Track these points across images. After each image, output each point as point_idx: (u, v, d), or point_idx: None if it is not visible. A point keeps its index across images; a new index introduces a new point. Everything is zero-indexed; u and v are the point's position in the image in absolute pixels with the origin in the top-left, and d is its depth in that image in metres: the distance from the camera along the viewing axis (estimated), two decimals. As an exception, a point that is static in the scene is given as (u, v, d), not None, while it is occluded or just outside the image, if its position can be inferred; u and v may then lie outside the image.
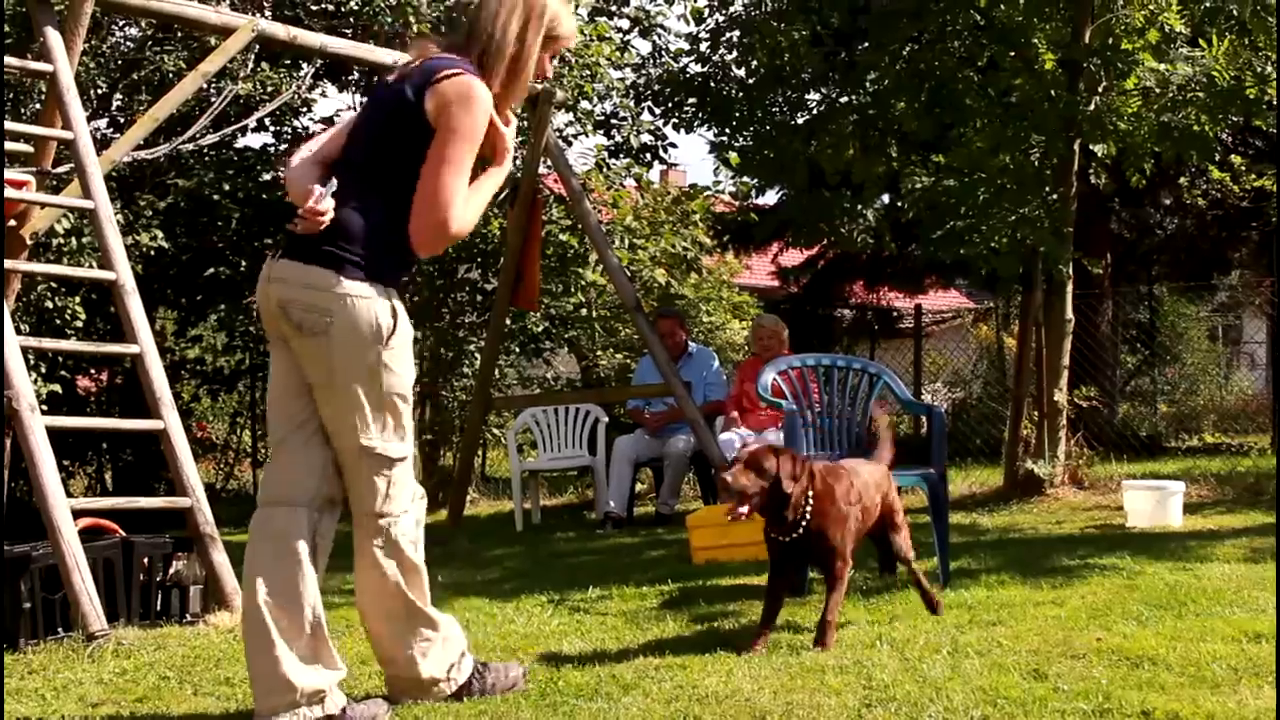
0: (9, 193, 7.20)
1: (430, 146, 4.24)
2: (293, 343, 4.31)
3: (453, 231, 4.28)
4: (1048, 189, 10.99)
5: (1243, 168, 14.65)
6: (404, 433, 4.41)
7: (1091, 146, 11.30)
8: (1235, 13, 10.51)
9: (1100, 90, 10.80)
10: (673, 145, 16.29)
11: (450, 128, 4.23)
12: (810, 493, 5.27)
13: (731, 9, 13.24)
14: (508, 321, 12.11)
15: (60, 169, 7.78)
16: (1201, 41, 10.93)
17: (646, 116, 14.55)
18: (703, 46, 13.09)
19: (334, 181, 4.24)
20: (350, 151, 4.43)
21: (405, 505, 4.42)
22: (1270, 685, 4.27)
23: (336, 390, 4.28)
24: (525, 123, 10.81)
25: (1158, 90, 10.73)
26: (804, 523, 5.25)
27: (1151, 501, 9.40)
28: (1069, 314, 11.41)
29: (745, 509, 5.21)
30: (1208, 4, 10.60)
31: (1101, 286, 16.32)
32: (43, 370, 11.81)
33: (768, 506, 5.26)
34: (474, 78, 4.29)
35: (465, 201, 4.27)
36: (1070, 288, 11.38)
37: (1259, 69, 10.54)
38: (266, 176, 14.81)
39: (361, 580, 4.40)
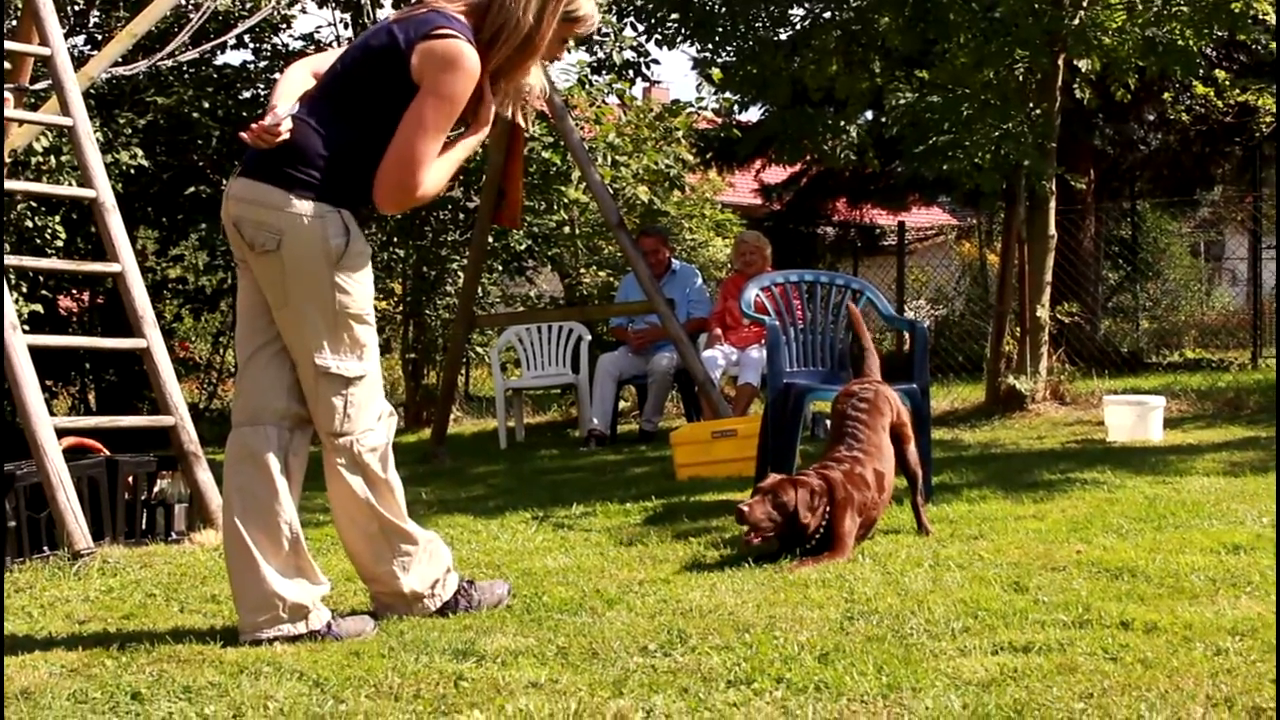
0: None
1: (410, 104, 4.22)
2: (249, 261, 4.33)
3: (417, 194, 4.29)
4: (1031, 104, 10.97)
5: (1227, 83, 14.60)
6: (362, 351, 4.36)
7: (1075, 61, 11.25)
8: (1222, -79, 10.46)
9: (1085, 4, 10.75)
10: (655, 62, 16.26)
11: (432, 90, 4.21)
12: (829, 510, 5.28)
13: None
14: (490, 239, 12.07)
15: (38, 85, 7.73)
16: (1188, -48, 10.88)
17: (629, 33, 14.45)
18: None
19: (296, 104, 4.24)
20: (330, 77, 4.40)
21: (368, 424, 4.38)
22: (1248, 595, 4.31)
23: (291, 310, 4.28)
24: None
25: (1142, 4, 10.69)
26: (822, 529, 5.27)
27: (1132, 416, 9.45)
28: (1052, 230, 11.41)
29: (758, 540, 5.24)
30: (1194, -84, 10.55)
31: (1084, 202, 16.30)
32: (24, 290, 11.78)
33: (783, 535, 5.27)
34: (465, 43, 4.23)
35: (434, 166, 4.27)
36: (1053, 204, 11.38)
37: (1244, -18, 10.50)
38: (246, 94, 14.72)
39: (333, 500, 4.42)
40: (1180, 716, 3.15)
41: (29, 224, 11.41)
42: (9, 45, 7.52)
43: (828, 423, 10.71)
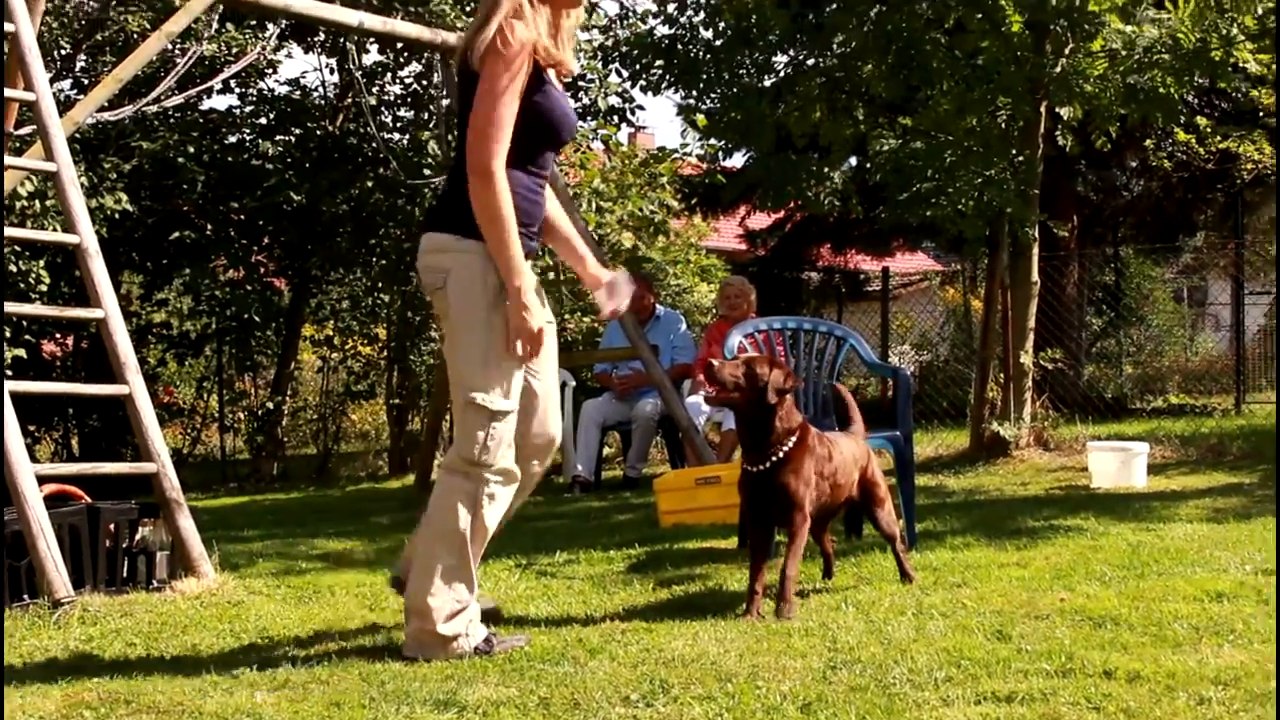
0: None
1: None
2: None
3: (491, 165, 4.34)
4: (1014, 151, 11.03)
5: (1208, 130, 14.70)
6: (508, 388, 4.49)
7: (1058, 109, 11.31)
8: (1201, -26, 10.54)
9: (1067, 52, 10.81)
10: (640, 108, 16.30)
11: (487, 63, 4.38)
12: (794, 436, 5.24)
13: (699, -29, 13.20)
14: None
15: (22, 130, 7.73)
16: (1167, 3, 10.95)
17: (614, 79, 14.55)
18: (670, 8, 13.05)
19: None
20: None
21: (504, 464, 4.54)
22: (1231, 644, 4.31)
23: (452, 342, 4.53)
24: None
25: (1124, 52, 10.76)
26: (776, 459, 5.20)
27: (1116, 463, 9.46)
28: (1035, 276, 11.45)
29: (714, 392, 5.25)
30: (1174, -35, 10.63)
31: (1067, 248, 16.37)
32: (7, 335, 11.75)
33: (748, 417, 5.23)
34: (492, 25, 4.37)
35: (496, 149, 4.35)
36: (1036, 250, 11.42)
37: (1224, 31, 10.56)
38: (232, 139, 14.75)
39: (431, 520, 4.59)
40: (1163, 768, 3.15)
41: (13, 268, 11.41)
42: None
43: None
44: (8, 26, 7.05)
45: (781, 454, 5.20)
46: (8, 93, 7.27)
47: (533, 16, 4.47)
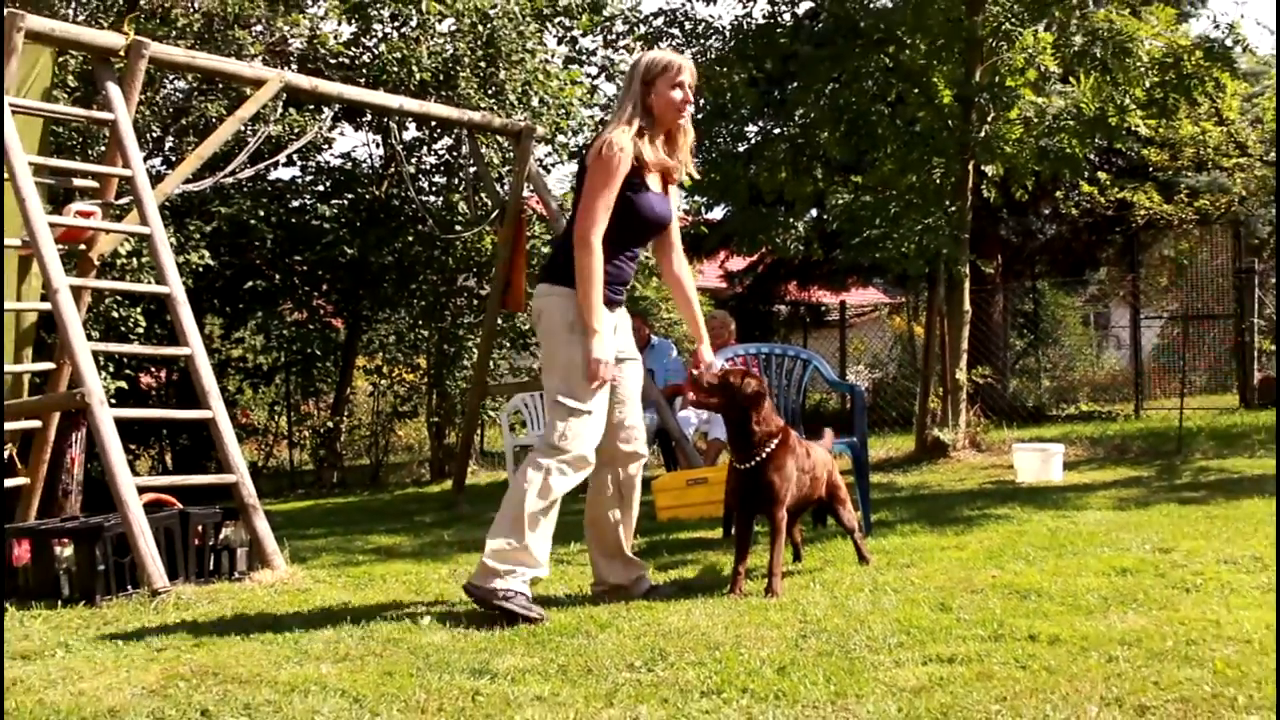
0: (79, 221, 7.17)
1: None
2: None
3: (586, 239, 4.75)
4: (947, 202, 11.06)
5: (1108, 183, 14.73)
6: (584, 394, 4.77)
7: (983, 167, 11.37)
8: (1099, 55, 10.61)
9: (989, 120, 10.86)
10: (635, 172, 16.26)
11: (589, 169, 4.84)
12: (776, 439, 5.22)
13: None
14: (499, 321, 12.09)
15: (122, 200, 7.74)
16: (1071, 79, 11.01)
17: (613, 148, 14.53)
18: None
19: None
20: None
21: (580, 452, 4.79)
22: (1134, 611, 4.31)
23: (544, 359, 4.95)
24: (511, 154, 10.81)
25: (1036, 119, 10.82)
26: (762, 457, 5.19)
27: (1037, 461, 9.47)
28: (967, 306, 11.47)
29: (696, 396, 5.33)
30: (1076, 48, 10.68)
31: (993, 282, 16.39)
32: (111, 370, 11.74)
33: (729, 420, 5.24)
34: (603, 136, 4.85)
35: (597, 225, 4.76)
36: (968, 284, 11.44)
37: (1119, 101, 10.62)
38: (295, 203, 14.75)
39: (513, 485, 4.85)
40: (1079, 715, 3.14)
41: (114, 314, 11.39)
42: (98, 169, 7.54)
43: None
44: (108, 115, 7.08)
45: (765, 454, 5.19)
46: (109, 170, 7.30)
47: (636, 130, 4.87)
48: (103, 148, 9.72)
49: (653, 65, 4.90)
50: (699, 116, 12.41)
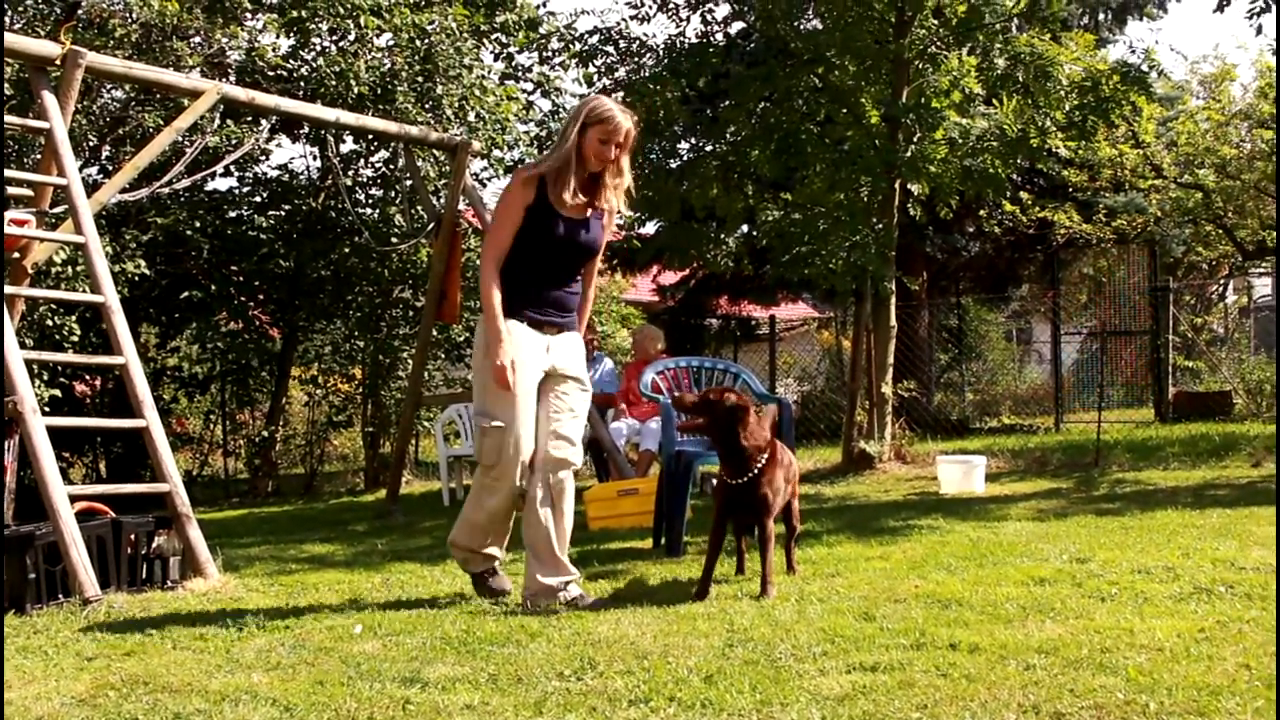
0: (13, 229, 7.06)
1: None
2: None
3: (482, 271, 5.17)
4: (874, 220, 11.14)
5: (1030, 202, 14.93)
6: (495, 409, 5.12)
7: (909, 186, 11.46)
8: (1021, 78, 10.75)
9: (915, 140, 10.95)
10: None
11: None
12: (765, 454, 5.22)
13: (616, 74, 13.27)
14: (434, 333, 12.04)
15: (57, 209, 7.63)
16: (995, 101, 11.14)
17: (548, 162, 14.52)
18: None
19: None
20: None
21: (499, 461, 5.16)
22: (1051, 620, 4.35)
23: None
24: (447, 167, 10.80)
25: (961, 140, 10.92)
26: (754, 473, 5.18)
27: (960, 473, 9.54)
28: (893, 321, 11.56)
29: (683, 418, 5.46)
30: (999, 71, 10.81)
31: (919, 299, 16.53)
32: (45, 378, 11.56)
33: (716, 437, 5.25)
34: (516, 177, 5.22)
35: (488, 252, 5.16)
36: (894, 300, 11.53)
37: (1040, 123, 10.76)
38: (232, 214, 14.61)
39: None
40: (997, 722, 3.17)
41: (49, 323, 11.22)
42: (33, 177, 7.44)
43: (713, 481, 10.76)
44: (43, 124, 6.98)
45: (757, 469, 5.19)
46: (44, 179, 7.20)
47: (547, 167, 5.18)
48: (38, 156, 9.58)
49: (595, 112, 5.12)
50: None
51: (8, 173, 8.12)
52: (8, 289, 6.69)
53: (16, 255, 7.53)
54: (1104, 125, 11.30)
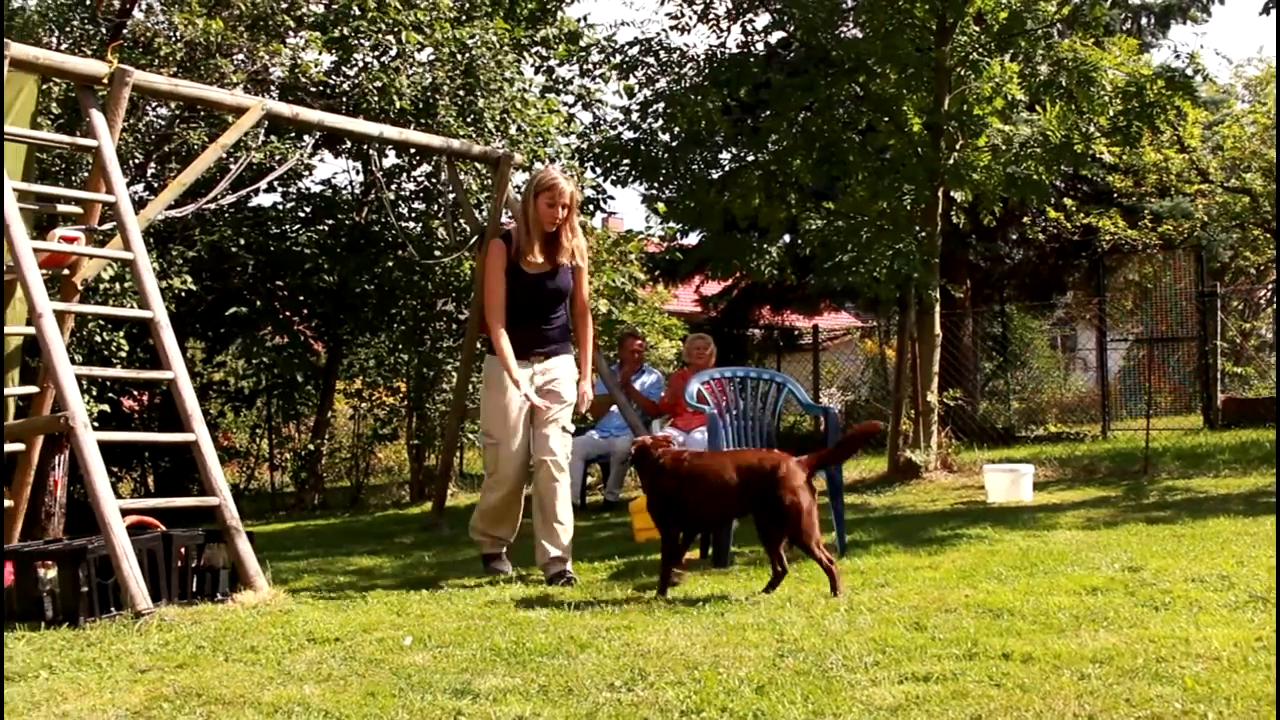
0: (63, 246, 7.13)
1: None
2: None
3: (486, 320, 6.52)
4: (917, 228, 11.09)
5: (1074, 208, 14.84)
6: (494, 430, 6.46)
7: (952, 193, 11.41)
8: (1064, 84, 10.68)
9: (958, 147, 10.90)
10: (611, 198, 16.34)
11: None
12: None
13: (657, 85, 13.27)
14: (478, 345, 12.06)
15: (105, 226, 7.70)
16: (1038, 107, 11.08)
17: (589, 175, 14.55)
18: (634, 117, 13.14)
19: None
20: None
21: (499, 470, 6.46)
22: (1105, 629, 4.31)
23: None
24: (489, 180, 10.85)
25: (1004, 147, 10.87)
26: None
27: (1007, 481, 9.47)
28: (937, 329, 11.49)
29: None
30: (1042, 78, 10.75)
31: (963, 306, 16.45)
32: (94, 393, 11.67)
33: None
34: (493, 240, 6.55)
35: (488, 307, 6.46)
36: (938, 308, 11.46)
37: (1084, 129, 10.70)
38: (275, 230, 14.71)
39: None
40: (1054, 732, 3.14)
41: (98, 339, 11.32)
42: (82, 194, 7.51)
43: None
44: (91, 142, 7.05)
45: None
46: (93, 196, 7.27)
47: (516, 229, 6.50)
48: (86, 174, 9.68)
49: (541, 182, 6.35)
50: (674, 144, 12.47)
51: (58, 190, 8.21)
52: (58, 305, 6.75)
53: (66, 272, 7.60)
54: (1149, 130, 11.21)
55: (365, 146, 12.79)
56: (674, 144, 12.48)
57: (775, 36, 14.02)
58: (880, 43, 10.75)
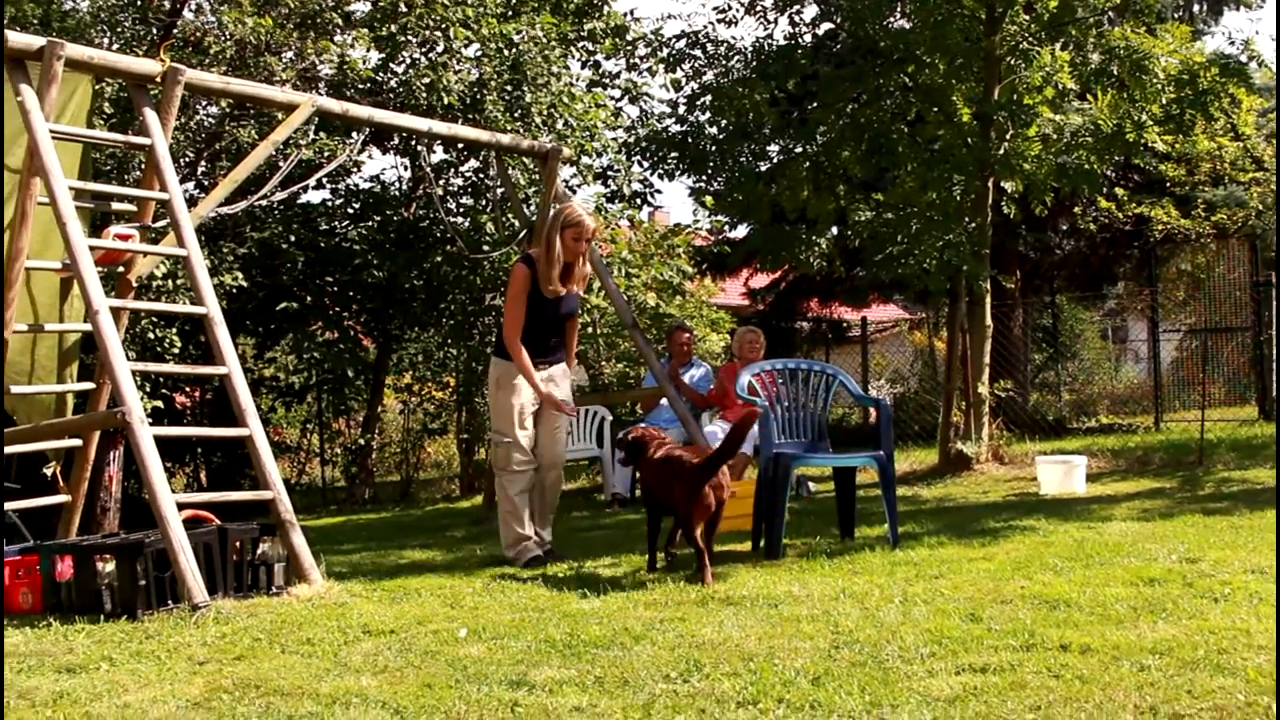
0: (118, 244, 7.20)
1: None
2: None
3: (507, 335, 7.07)
4: (967, 219, 11.02)
5: (1125, 198, 14.69)
6: (505, 428, 7.06)
7: (1002, 183, 11.34)
8: (1115, 72, 10.58)
9: (1008, 137, 10.83)
10: (658, 191, 16.34)
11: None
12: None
13: (704, 78, 13.24)
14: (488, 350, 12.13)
15: (158, 224, 7.77)
16: (1089, 96, 10.98)
17: (636, 168, 14.53)
18: (681, 110, 13.11)
19: None
20: None
21: (511, 465, 7.02)
22: (1164, 620, 4.27)
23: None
24: (537, 174, 10.86)
25: (1054, 136, 10.79)
26: None
27: (1060, 473, 9.41)
28: (988, 321, 11.43)
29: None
30: (1093, 66, 10.66)
31: (1013, 297, 16.32)
32: (147, 390, 11.78)
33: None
34: (518, 264, 7.12)
35: (509, 325, 7.04)
36: (988, 299, 11.40)
37: (1135, 117, 10.59)
38: (324, 227, 14.80)
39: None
40: (1115, 723, 3.12)
41: (150, 335, 11.42)
42: (136, 192, 7.58)
43: (810, 485, 10.70)
44: (145, 140, 7.12)
45: None
46: (147, 194, 7.33)
47: (538, 255, 7.06)
48: (137, 173, 9.77)
49: (567, 219, 6.97)
50: (721, 137, 12.43)
51: (112, 189, 8.30)
52: (114, 302, 6.82)
53: (121, 269, 7.68)
54: (1202, 118, 11.09)
55: (414, 142, 12.87)
56: (721, 137, 12.44)
57: (823, 28, 13.94)
58: (929, 33, 10.70)
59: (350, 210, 15.19)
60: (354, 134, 13.48)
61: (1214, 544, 6.04)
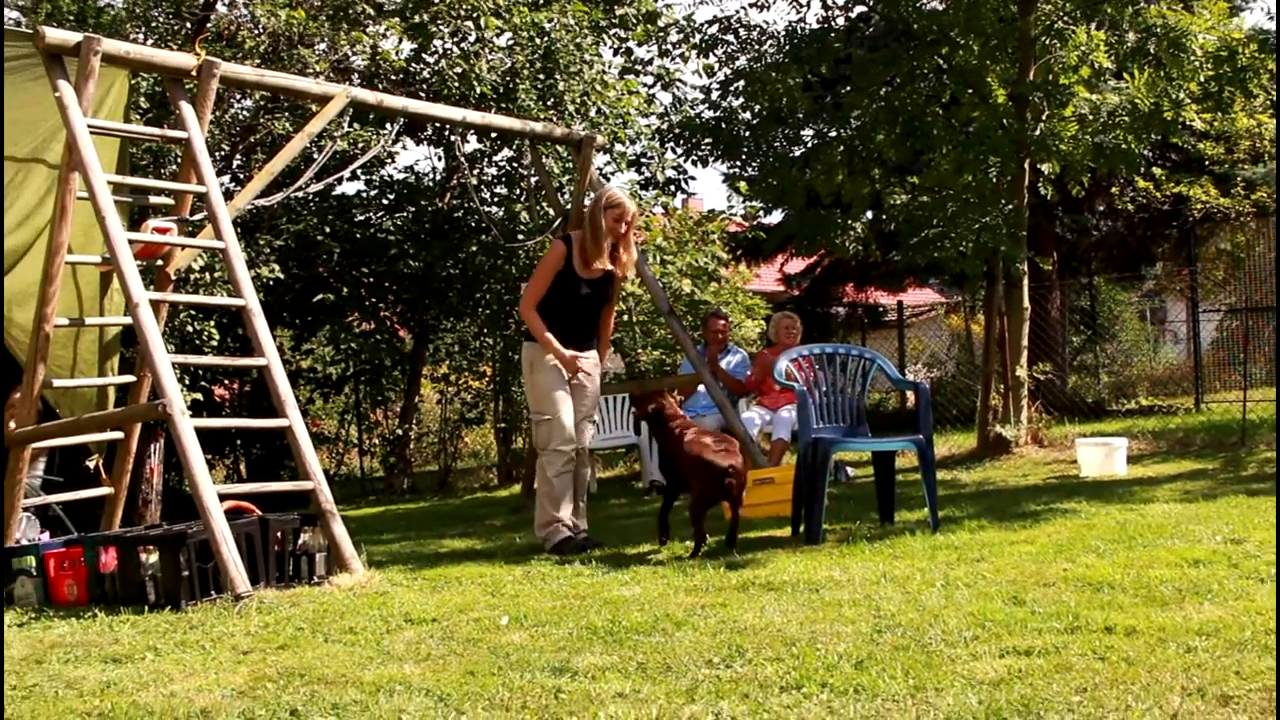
0: (157, 237, 7.24)
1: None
2: None
3: (524, 312, 7.29)
4: (1004, 201, 10.95)
5: (1163, 178, 14.58)
6: (544, 407, 7.15)
7: (1039, 165, 11.26)
8: (1152, 50, 10.49)
9: (1044, 118, 10.76)
10: (692, 178, 16.32)
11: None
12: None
13: (737, 64, 13.22)
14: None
15: (196, 217, 7.81)
16: (1125, 75, 10.89)
17: (670, 155, 14.52)
18: (714, 95, 13.08)
19: None
20: None
21: (553, 444, 7.08)
22: (1209, 602, 4.24)
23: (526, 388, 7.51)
24: (570, 163, 10.86)
25: (1091, 116, 10.70)
26: None
27: (1100, 455, 9.36)
28: (1026, 303, 11.37)
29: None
30: (1129, 45, 10.57)
31: (1050, 279, 16.22)
32: (187, 382, 11.86)
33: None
34: (556, 242, 7.26)
35: (528, 300, 7.21)
36: (1026, 281, 11.34)
37: (1173, 96, 10.50)
38: (360, 218, 14.85)
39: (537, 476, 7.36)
40: (1161, 705, 3.10)
41: (189, 328, 11.49)
42: (173, 186, 7.62)
43: (849, 470, 10.67)
44: (181, 134, 7.15)
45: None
46: (185, 187, 7.36)
47: (580, 236, 7.18)
48: (174, 166, 9.81)
49: (609, 201, 7.12)
50: (755, 122, 12.40)
51: (150, 182, 8.34)
52: (153, 295, 6.86)
53: (160, 262, 7.72)
54: (1241, 95, 10.97)
55: (447, 132, 12.88)
56: (755, 122, 12.41)
57: (856, 10, 13.90)
58: (963, 14, 10.63)
59: (385, 201, 15.24)
60: (388, 125, 13.51)
61: (1259, 525, 5.99)
